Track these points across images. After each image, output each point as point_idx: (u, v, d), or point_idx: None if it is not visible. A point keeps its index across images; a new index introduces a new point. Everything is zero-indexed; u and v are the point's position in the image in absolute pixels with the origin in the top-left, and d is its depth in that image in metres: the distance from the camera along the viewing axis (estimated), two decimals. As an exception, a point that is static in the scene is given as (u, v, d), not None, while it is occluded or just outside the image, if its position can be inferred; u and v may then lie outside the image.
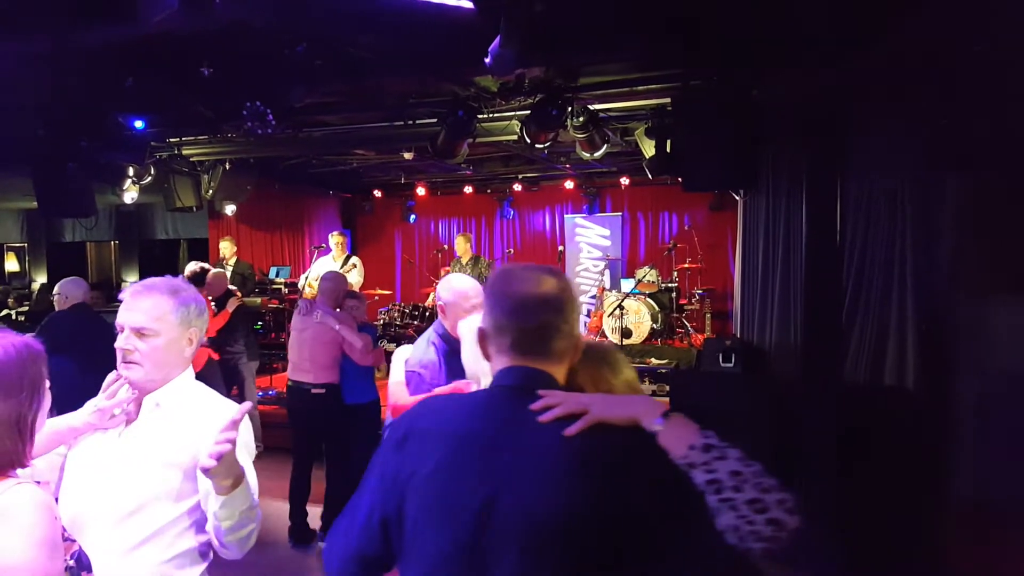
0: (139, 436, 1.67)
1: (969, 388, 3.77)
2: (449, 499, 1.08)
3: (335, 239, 7.42)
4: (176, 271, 12.64)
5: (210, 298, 5.51)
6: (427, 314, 7.83)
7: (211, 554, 1.75)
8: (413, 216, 11.04)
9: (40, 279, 12.47)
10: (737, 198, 5.24)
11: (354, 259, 7.60)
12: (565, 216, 10.33)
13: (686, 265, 8.30)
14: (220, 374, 5.56)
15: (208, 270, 5.82)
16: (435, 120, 5.15)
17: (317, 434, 4.42)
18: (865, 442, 4.04)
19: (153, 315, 1.65)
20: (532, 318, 1.17)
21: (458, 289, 2.53)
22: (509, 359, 1.19)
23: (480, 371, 1.85)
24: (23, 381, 1.37)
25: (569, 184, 9.90)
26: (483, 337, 1.23)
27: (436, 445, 1.13)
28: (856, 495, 3.97)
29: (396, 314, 8.12)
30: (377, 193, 10.78)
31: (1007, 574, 3.49)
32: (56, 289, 4.66)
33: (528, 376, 1.16)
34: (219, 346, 5.60)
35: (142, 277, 6.73)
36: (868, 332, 4.22)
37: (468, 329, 1.99)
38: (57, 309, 4.59)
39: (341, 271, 7.15)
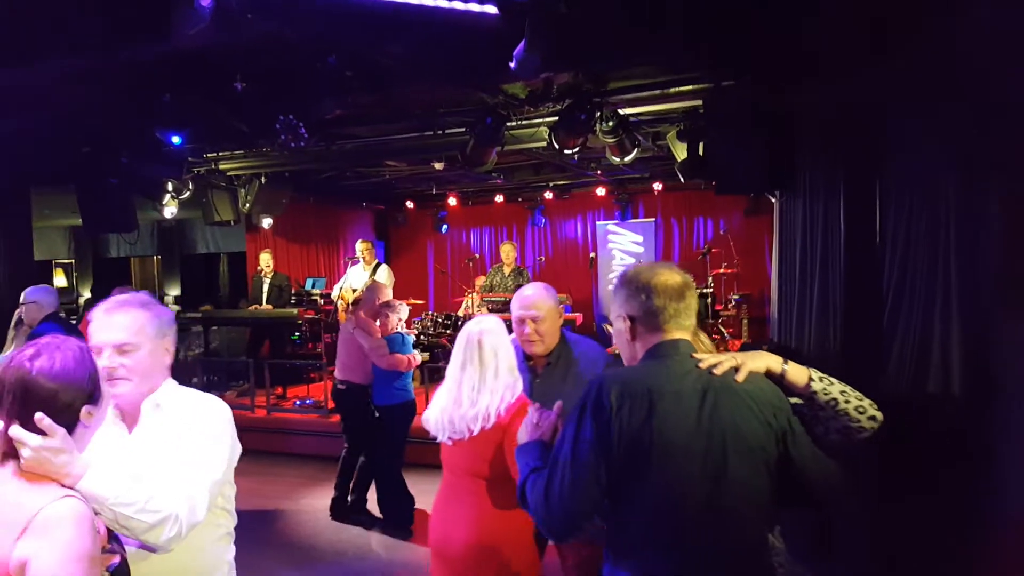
0: (148, 437, 1.71)
1: (1016, 401, 3.62)
2: (685, 436, 1.46)
3: (362, 247, 7.50)
4: (217, 284, 12.88)
5: None
6: (459, 323, 7.84)
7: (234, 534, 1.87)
8: (445, 226, 11.10)
9: (86, 294, 12.85)
10: (773, 200, 5.13)
11: (383, 267, 7.66)
12: (597, 223, 10.27)
13: (722, 270, 8.17)
14: None
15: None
16: (464, 129, 5.17)
17: (346, 426, 4.84)
18: (906, 455, 3.90)
19: (132, 329, 1.69)
20: (680, 300, 1.59)
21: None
22: (662, 335, 1.59)
23: None
24: (91, 382, 1.44)
25: (601, 191, 9.84)
26: (633, 322, 1.61)
27: (653, 401, 1.48)
28: (896, 512, 3.84)
29: (429, 323, 8.15)
30: (409, 204, 10.87)
31: None
32: (28, 297, 4.32)
33: (687, 345, 1.59)
34: None
35: (184, 291, 6.83)
36: (910, 342, 4.07)
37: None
38: (29, 318, 4.31)
39: (370, 279, 7.22)
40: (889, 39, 3.74)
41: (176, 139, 4.80)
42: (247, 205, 7.72)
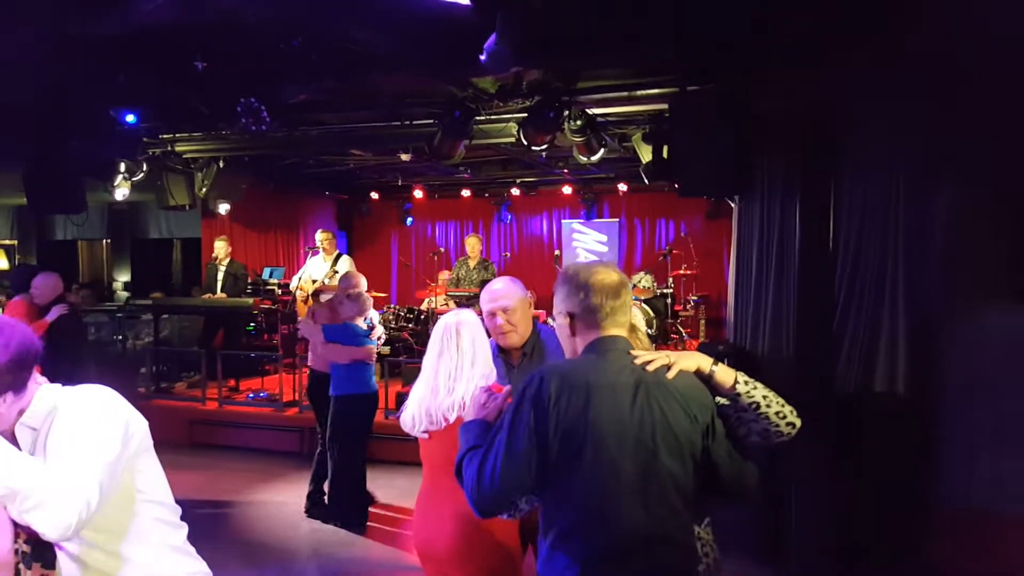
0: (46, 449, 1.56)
1: (959, 395, 3.77)
2: (617, 426, 1.55)
3: (322, 236, 7.35)
4: (170, 271, 12.51)
5: (37, 305, 5.22)
6: (422, 317, 7.76)
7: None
8: (410, 219, 10.98)
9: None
10: (732, 205, 5.20)
11: (345, 258, 7.54)
12: (563, 221, 10.29)
13: (682, 271, 8.27)
14: None
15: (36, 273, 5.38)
16: (432, 121, 5.10)
17: (318, 417, 4.74)
18: (857, 447, 4.00)
19: None
20: (617, 298, 1.67)
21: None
22: (599, 331, 1.67)
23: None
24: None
25: (567, 189, 9.86)
26: (572, 318, 1.68)
27: (590, 394, 1.56)
28: (848, 499, 3.94)
29: (391, 317, 8.05)
30: (374, 195, 10.72)
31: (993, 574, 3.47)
32: None
33: (624, 342, 1.68)
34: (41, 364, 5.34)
35: (134, 276, 6.59)
36: (860, 338, 4.20)
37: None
38: None
39: (330, 271, 7.09)
40: (847, 39, 3.82)
41: (130, 118, 4.63)
42: (203, 190, 7.51)
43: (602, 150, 5.17)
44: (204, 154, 6.66)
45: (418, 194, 10.23)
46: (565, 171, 8.92)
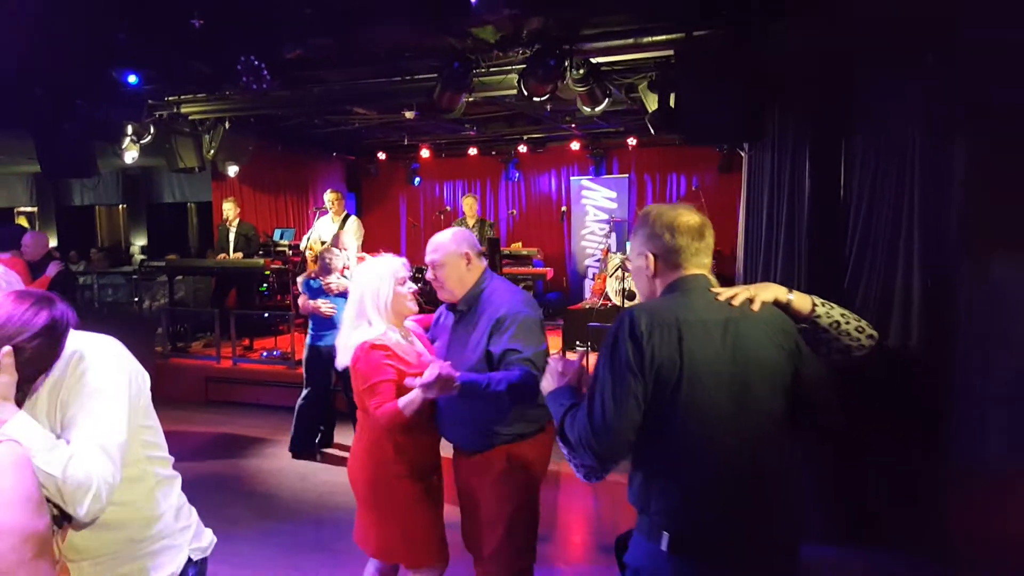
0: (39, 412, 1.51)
1: (974, 352, 3.70)
2: (712, 362, 1.58)
3: (330, 197, 7.36)
4: (185, 235, 12.63)
5: (27, 261, 5.43)
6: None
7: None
8: (417, 179, 10.95)
9: (51, 243, 12.53)
10: (743, 154, 5.12)
11: (352, 218, 7.56)
12: (571, 178, 10.20)
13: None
14: None
15: (25, 231, 5.69)
16: (434, 75, 5.04)
17: None
18: (866, 405, 3.98)
19: None
20: (701, 239, 1.69)
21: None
22: (682, 270, 1.69)
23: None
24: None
25: (575, 145, 9.76)
26: (655, 259, 1.71)
27: (681, 330, 1.59)
28: (857, 462, 3.94)
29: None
30: (381, 155, 10.68)
31: (1003, 537, 3.47)
32: None
33: (706, 280, 1.71)
34: None
35: (150, 240, 6.77)
36: (873, 294, 4.13)
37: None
38: None
39: (339, 230, 7.12)
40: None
41: (132, 79, 4.63)
42: (211, 152, 7.52)
43: (606, 100, 5.10)
44: (210, 115, 6.66)
45: (425, 153, 10.17)
46: (572, 126, 8.81)
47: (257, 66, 4.91)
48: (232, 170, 8.32)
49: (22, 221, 13.09)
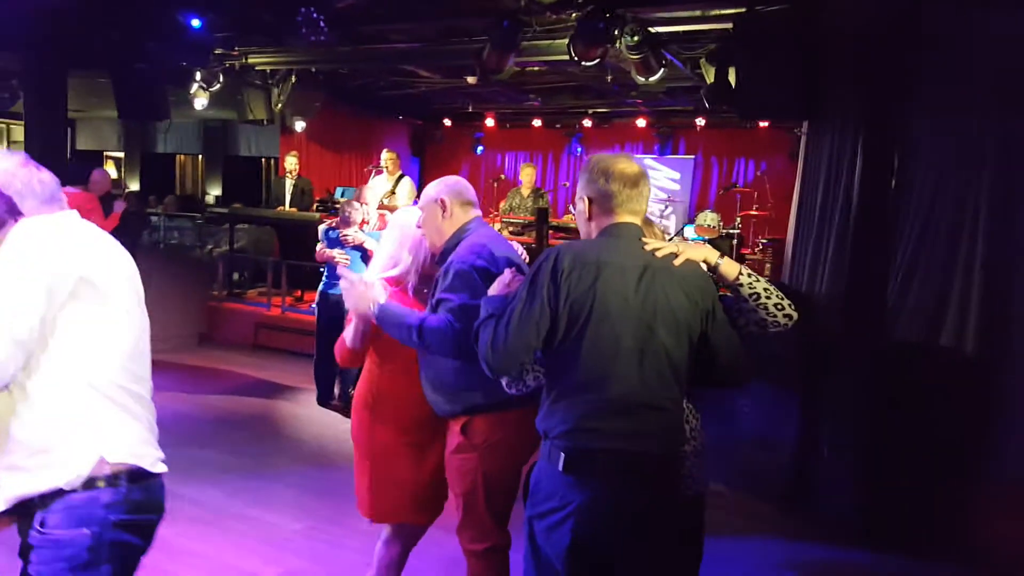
0: None
1: None
2: (621, 302, 1.67)
3: (387, 156, 7.43)
4: (257, 187, 13.09)
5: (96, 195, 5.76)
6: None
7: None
8: (480, 147, 10.94)
9: (134, 186, 13.20)
10: (800, 134, 4.88)
11: (406, 179, 7.62)
12: (634, 156, 9.98)
13: (753, 212, 7.88)
14: None
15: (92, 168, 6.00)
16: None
17: None
18: (906, 405, 3.77)
19: None
20: (634, 187, 1.77)
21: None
22: (614, 217, 1.78)
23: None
24: None
25: (641, 123, 9.53)
26: (590, 203, 1.79)
27: (600, 271, 1.68)
28: (885, 459, 3.72)
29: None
30: (447, 122, 10.72)
31: None
32: None
33: (636, 229, 1.78)
34: None
35: (224, 191, 7.12)
36: (929, 292, 3.85)
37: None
38: None
39: (390, 191, 7.20)
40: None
41: (196, 22, 4.77)
42: (279, 105, 7.74)
43: (661, 71, 4.93)
44: (275, 66, 6.83)
45: (489, 122, 10.15)
46: (639, 101, 8.60)
47: (315, 17, 4.98)
48: (299, 125, 8.52)
49: (110, 165, 13.86)
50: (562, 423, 1.70)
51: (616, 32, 4.29)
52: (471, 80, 7.29)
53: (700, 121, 8.98)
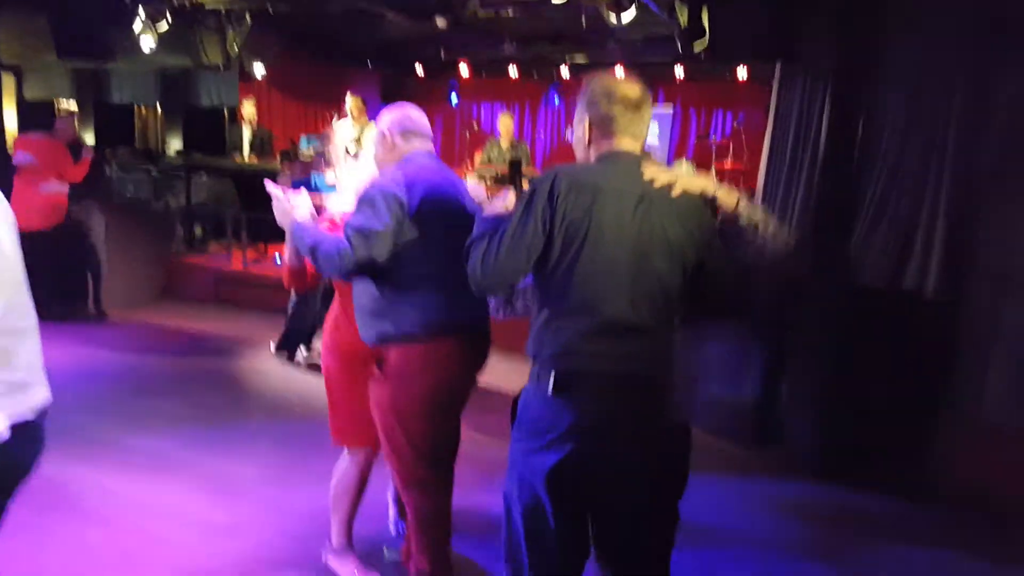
0: None
1: (992, 300, 3.42)
2: (617, 228, 1.66)
3: (352, 101, 7.07)
4: (221, 139, 12.62)
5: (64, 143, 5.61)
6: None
7: None
8: (455, 98, 10.57)
9: (89, 139, 12.63)
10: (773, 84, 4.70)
11: (373, 125, 7.31)
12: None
13: (727, 165, 7.69)
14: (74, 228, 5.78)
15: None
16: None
17: None
18: (870, 344, 3.72)
19: None
20: (636, 111, 1.73)
21: None
22: (614, 141, 1.74)
23: None
24: None
25: (620, 74, 9.20)
26: (590, 127, 1.75)
27: (596, 195, 1.66)
28: (850, 395, 3.71)
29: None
30: (419, 71, 10.30)
31: (990, 488, 3.24)
32: None
33: (635, 156, 1.75)
34: (70, 199, 5.67)
35: (185, 143, 6.82)
36: (896, 228, 3.82)
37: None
38: None
39: (358, 138, 6.88)
40: None
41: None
42: (235, 47, 7.32)
43: (632, 8, 4.66)
44: (224, 4, 6.39)
45: (464, 71, 9.76)
46: (617, 51, 8.30)
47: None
48: (259, 70, 8.11)
49: (63, 113, 13.23)
50: (552, 345, 1.68)
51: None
52: (441, 23, 6.91)
53: (679, 72, 8.70)
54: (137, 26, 5.98)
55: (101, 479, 3.15)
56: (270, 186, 2.27)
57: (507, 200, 1.85)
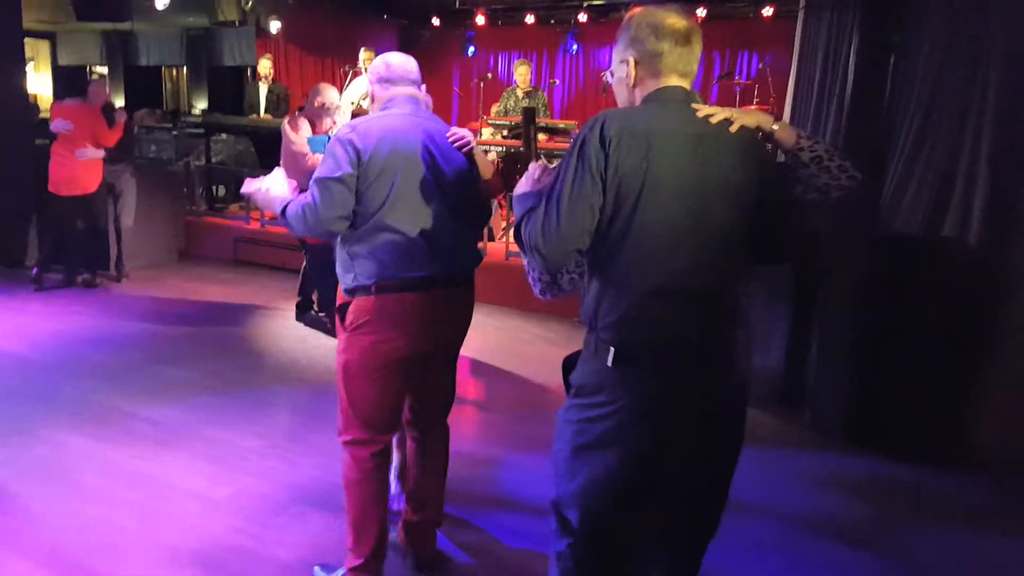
0: None
1: None
2: (677, 175, 1.51)
3: (365, 55, 6.94)
4: (243, 99, 12.65)
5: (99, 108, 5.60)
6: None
7: None
8: (472, 48, 10.33)
9: (119, 102, 12.77)
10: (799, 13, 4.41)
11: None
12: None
13: (753, 107, 7.37)
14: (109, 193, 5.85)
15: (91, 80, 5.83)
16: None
17: None
18: (896, 297, 3.52)
19: None
20: (686, 44, 1.58)
21: None
22: (662, 79, 1.58)
23: None
24: None
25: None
26: (636, 65, 1.59)
27: (649, 140, 1.50)
28: (881, 356, 3.50)
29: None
30: (435, 21, 10.07)
31: None
32: None
33: (687, 93, 1.60)
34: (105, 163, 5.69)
35: (210, 103, 6.79)
36: (932, 176, 3.55)
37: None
38: None
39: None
40: None
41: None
42: (249, 2, 7.24)
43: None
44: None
45: (480, 20, 9.50)
46: (635, -9, 7.95)
47: None
48: (274, 25, 8.03)
49: (95, 78, 13.36)
50: (612, 311, 1.55)
51: None
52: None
53: (701, 11, 8.31)
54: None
55: (104, 451, 3.13)
56: (247, 188, 2.22)
57: (535, 175, 1.69)
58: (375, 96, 2.18)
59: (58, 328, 4.76)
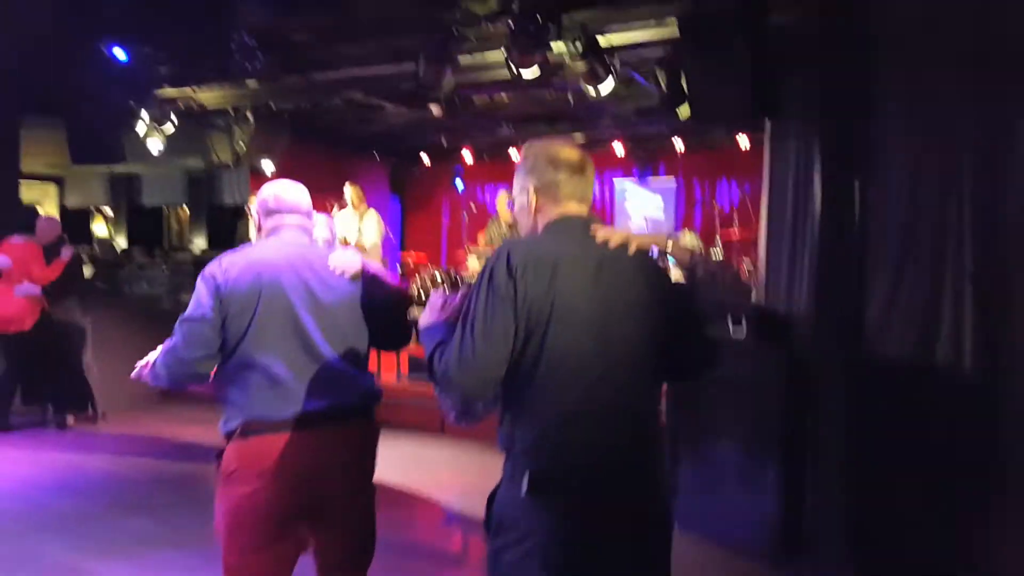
0: None
1: None
2: (583, 299, 1.55)
3: (350, 190, 7.19)
4: (244, 237, 12.96)
5: (42, 246, 5.59)
6: (456, 280, 7.49)
7: None
8: (459, 181, 10.72)
9: (122, 243, 13.08)
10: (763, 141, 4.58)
11: (372, 212, 7.38)
12: (614, 179, 9.69)
13: (735, 233, 7.53)
14: (53, 330, 5.62)
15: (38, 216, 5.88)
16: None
17: None
18: (889, 428, 3.35)
19: None
20: (581, 173, 1.72)
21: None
22: (562, 207, 1.68)
23: None
24: None
25: (620, 150, 9.28)
26: (536, 193, 1.68)
27: (555, 267, 1.55)
28: (881, 493, 3.30)
29: (428, 279, 7.83)
30: (425, 158, 10.53)
31: None
32: None
33: (585, 219, 1.69)
34: (51, 300, 5.60)
35: (210, 242, 7.00)
36: (916, 303, 3.45)
37: None
38: None
39: (357, 226, 6.94)
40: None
41: (121, 55, 4.58)
42: (242, 143, 7.57)
43: (610, 79, 4.66)
44: (225, 103, 6.65)
45: (467, 158, 9.94)
46: (613, 127, 8.39)
47: (250, 46, 4.80)
48: (267, 166, 8.34)
49: (98, 220, 13.78)
50: (526, 436, 1.55)
51: (551, 36, 4.04)
52: (436, 111, 7.07)
53: (679, 144, 8.72)
54: (141, 129, 6.21)
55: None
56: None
57: (437, 304, 1.70)
58: (260, 226, 2.15)
59: (18, 472, 4.59)
